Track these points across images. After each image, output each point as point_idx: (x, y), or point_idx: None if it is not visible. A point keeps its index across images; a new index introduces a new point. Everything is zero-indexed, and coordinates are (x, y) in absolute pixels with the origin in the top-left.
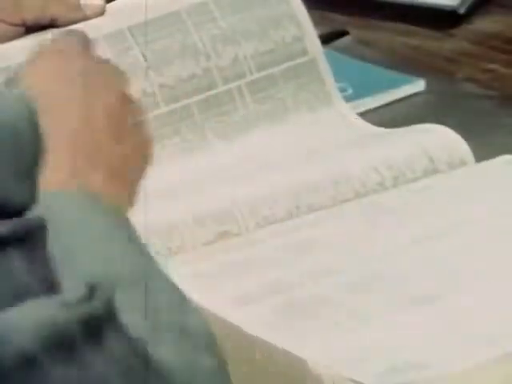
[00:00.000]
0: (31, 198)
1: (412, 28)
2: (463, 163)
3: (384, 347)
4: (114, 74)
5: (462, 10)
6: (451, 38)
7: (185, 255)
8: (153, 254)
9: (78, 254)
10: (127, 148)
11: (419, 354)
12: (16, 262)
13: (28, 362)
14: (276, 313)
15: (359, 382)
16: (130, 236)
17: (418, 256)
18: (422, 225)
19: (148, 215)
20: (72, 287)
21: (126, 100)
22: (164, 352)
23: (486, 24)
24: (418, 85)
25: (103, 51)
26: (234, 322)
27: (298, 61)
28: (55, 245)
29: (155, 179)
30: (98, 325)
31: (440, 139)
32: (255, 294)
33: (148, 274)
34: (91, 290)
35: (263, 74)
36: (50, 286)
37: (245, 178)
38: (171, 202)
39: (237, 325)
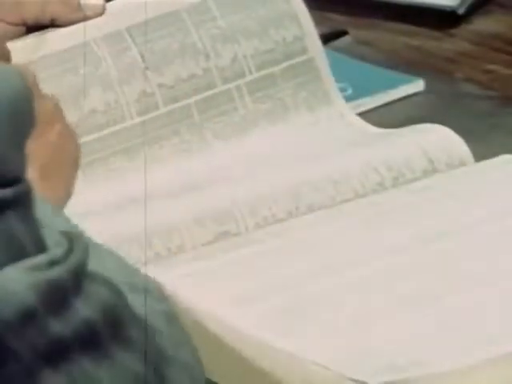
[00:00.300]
0: (24, 166)
1: (412, 28)
2: (462, 163)
3: (384, 346)
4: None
5: (461, 10)
6: (451, 38)
7: (185, 255)
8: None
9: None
10: (49, 141)
11: (419, 353)
12: (16, 224)
13: (29, 317)
14: (276, 313)
15: (359, 381)
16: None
17: (417, 256)
18: (422, 225)
19: (148, 215)
20: (55, 244)
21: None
22: None
23: (486, 24)
24: (418, 85)
25: (102, 52)
26: (233, 322)
27: (298, 60)
28: None
29: (154, 180)
30: (80, 273)
31: (439, 139)
32: (255, 293)
33: (92, 245)
34: (71, 242)
35: (263, 73)
36: (41, 247)
37: (244, 178)
38: (171, 202)
39: (236, 325)
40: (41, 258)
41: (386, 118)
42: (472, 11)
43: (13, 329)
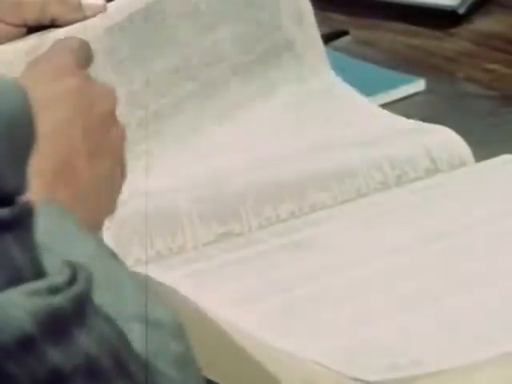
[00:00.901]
0: (24, 184)
1: (412, 28)
2: (463, 163)
3: (384, 346)
4: (102, 94)
5: (462, 10)
6: (451, 38)
7: (185, 255)
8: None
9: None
10: (101, 172)
11: (419, 353)
12: (12, 246)
13: (28, 343)
14: (276, 313)
15: (360, 380)
16: (99, 242)
17: (418, 256)
18: (422, 225)
19: (150, 215)
20: (56, 271)
21: (109, 122)
22: (132, 340)
23: (486, 24)
24: (418, 85)
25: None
26: (233, 322)
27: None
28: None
29: (155, 177)
30: (82, 304)
31: (441, 139)
32: (255, 293)
33: (116, 272)
34: (74, 272)
35: (248, 57)
36: (38, 271)
37: (248, 177)
38: (173, 202)
39: (236, 325)
40: (40, 284)
41: None
42: (472, 11)
43: (11, 354)
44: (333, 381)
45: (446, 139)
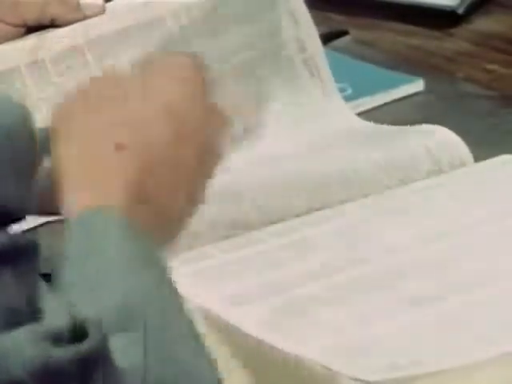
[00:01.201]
0: (27, 204)
1: (411, 28)
2: (462, 164)
3: (384, 346)
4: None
5: (461, 10)
6: (451, 38)
7: (185, 255)
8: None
9: (100, 279)
10: (183, 194)
11: (419, 353)
12: (9, 281)
13: None
14: (276, 313)
15: (360, 380)
16: (159, 270)
17: (418, 256)
18: (423, 225)
19: None
20: (58, 319)
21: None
22: None
23: (486, 24)
24: (418, 85)
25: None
26: (233, 322)
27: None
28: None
29: None
30: (87, 365)
31: (440, 140)
32: (255, 293)
33: (167, 318)
34: (81, 327)
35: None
36: (34, 311)
37: (249, 176)
38: None
39: (236, 325)
40: (39, 328)
41: (386, 117)
42: (472, 11)
43: None
44: (332, 381)
45: (444, 140)
